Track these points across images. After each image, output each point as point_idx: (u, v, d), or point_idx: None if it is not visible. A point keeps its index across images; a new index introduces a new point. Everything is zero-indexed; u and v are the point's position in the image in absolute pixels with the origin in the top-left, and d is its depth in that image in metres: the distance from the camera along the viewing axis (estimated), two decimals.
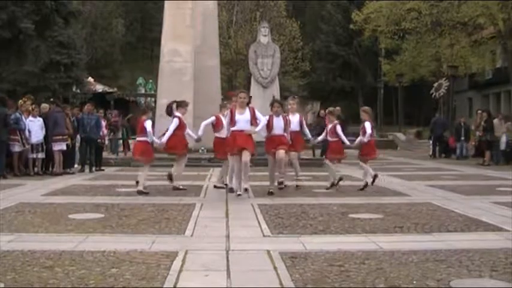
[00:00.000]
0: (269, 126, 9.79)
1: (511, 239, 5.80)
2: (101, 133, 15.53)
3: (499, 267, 4.71)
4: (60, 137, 13.83)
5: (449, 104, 29.71)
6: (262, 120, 9.55)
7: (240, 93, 9.80)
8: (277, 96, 20.05)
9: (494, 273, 4.52)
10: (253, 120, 9.38)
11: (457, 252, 5.20)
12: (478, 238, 6.04)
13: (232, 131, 9.35)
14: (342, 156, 10.78)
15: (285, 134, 9.99)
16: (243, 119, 9.30)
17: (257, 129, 9.49)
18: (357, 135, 10.88)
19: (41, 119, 13.83)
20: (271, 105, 10.11)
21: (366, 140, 10.45)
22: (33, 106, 14.04)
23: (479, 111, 20.97)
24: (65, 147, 13.95)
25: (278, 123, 9.88)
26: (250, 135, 9.39)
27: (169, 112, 10.36)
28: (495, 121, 19.03)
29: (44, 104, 14.95)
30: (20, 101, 14.23)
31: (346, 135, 10.81)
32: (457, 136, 21.96)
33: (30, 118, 13.65)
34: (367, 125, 10.45)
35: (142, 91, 37.65)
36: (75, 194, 9.96)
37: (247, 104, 9.52)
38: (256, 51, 21.50)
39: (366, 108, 11.24)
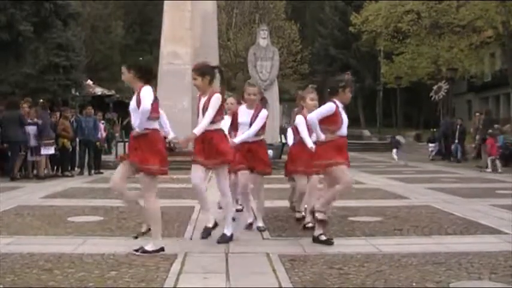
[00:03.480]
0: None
1: (510, 242, 5.80)
2: (99, 135, 15.51)
3: (499, 269, 4.71)
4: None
5: (448, 106, 29.75)
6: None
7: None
8: (276, 99, 20.01)
9: (494, 275, 4.53)
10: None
11: (456, 255, 5.20)
12: (478, 241, 6.04)
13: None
14: None
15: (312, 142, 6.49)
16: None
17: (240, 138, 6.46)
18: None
19: (38, 122, 13.76)
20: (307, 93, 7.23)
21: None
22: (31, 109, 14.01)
23: (477, 114, 21.02)
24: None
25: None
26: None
27: None
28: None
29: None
30: None
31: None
32: (454, 138, 22.01)
33: (28, 121, 13.61)
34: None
35: None
36: (74, 196, 9.95)
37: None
38: (256, 53, 21.51)
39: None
